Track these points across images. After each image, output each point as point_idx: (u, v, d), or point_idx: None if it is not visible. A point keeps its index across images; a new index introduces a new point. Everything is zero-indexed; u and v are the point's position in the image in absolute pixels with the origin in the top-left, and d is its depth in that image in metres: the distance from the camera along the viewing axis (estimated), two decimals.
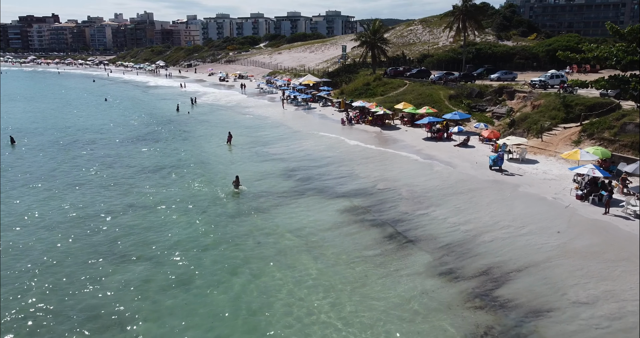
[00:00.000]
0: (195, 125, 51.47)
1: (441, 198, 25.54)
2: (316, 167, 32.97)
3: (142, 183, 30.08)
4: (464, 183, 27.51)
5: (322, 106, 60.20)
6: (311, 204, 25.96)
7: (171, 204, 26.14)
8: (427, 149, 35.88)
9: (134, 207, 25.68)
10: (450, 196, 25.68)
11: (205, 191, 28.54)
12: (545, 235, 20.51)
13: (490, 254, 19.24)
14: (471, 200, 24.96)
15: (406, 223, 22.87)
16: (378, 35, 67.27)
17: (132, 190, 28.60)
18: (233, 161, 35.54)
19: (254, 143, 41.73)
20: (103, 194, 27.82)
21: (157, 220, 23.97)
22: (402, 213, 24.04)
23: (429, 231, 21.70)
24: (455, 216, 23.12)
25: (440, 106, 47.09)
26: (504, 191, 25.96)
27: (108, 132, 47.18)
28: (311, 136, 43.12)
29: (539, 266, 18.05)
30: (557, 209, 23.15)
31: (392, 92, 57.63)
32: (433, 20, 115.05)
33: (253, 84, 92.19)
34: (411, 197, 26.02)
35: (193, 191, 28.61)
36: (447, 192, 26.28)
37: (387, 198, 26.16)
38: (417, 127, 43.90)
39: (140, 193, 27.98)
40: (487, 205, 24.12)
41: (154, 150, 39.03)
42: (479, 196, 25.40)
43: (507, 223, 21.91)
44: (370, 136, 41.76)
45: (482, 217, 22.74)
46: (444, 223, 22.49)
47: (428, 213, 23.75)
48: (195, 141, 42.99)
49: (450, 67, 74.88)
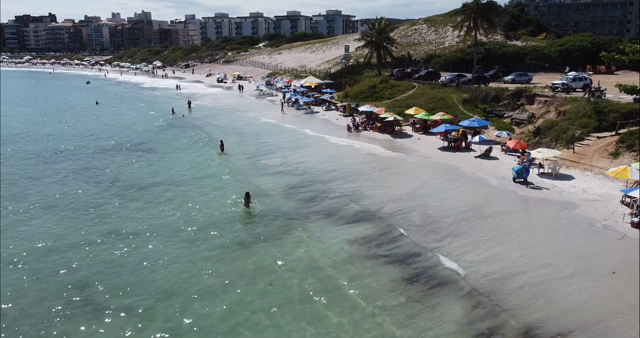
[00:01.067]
0: (189, 131, 47.80)
1: (462, 224, 21.87)
2: (321, 183, 29.34)
3: (128, 203, 26.22)
4: (489, 204, 23.89)
5: (326, 110, 56.58)
6: (320, 232, 22.31)
7: (163, 232, 22.29)
8: (445, 161, 32.25)
9: (117, 237, 21.77)
10: (473, 221, 21.98)
11: (203, 213, 24.68)
12: (595, 276, 16.79)
13: (523, 309, 15.43)
14: (498, 227, 21.27)
15: (422, 259, 19.18)
16: (384, 35, 63.66)
17: (115, 214, 24.73)
18: (229, 175, 31.90)
19: (251, 152, 38.08)
20: (79, 218, 24.04)
21: (146, 254, 20.12)
22: (417, 245, 20.30)
23: (448, 274, 17.90)
24: (477, 250, 19.33)
25: (454, 111, 43.49)
26: (538, 214, 22.34)
27: (94, 140, 43.37)
28: (314, 145, 39.51)
29: (589, 329, 14.21)
30: (609, 240, 19.54)
31: (400, 96, 54.05)
32: (438, 19, 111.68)
33: (252, 86, 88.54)
34: (424, 223, 22.34)
35: (189, 213, 24.72)
36: (468, 215, 22.64)
37: (399, 223, 22.51)
38: (431, 134, 40.31)
39: (124, 218, 24.11)
40: (518, 234, 20.46)
41: (143, 162, 35.30)
42: (507, 221, 21.76)
43: (545, 259, 18.12)
44: (380, 144, 38.12)
45: (511, 251, 19.07)
46: (464, 259, 18.72)
47: (444, 245, 20.06)
48: (188, 150, 39.29)
49: (459, 68, 71.40)
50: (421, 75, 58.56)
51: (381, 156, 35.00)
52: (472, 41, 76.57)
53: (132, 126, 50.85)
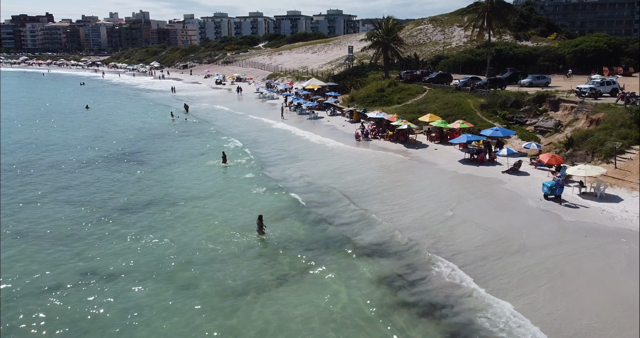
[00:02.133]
0: (185, 139, 44.32)
1: (499, 265, 18.31)
2: (331, 202, 25.89)
3: (114, 231, 22.47)
4: (530, 235, 20.40)
5: (330, 115, 53.08)
6: (339, 268, 18.78)
7: (156, 272, 18.53)
8: (468, 178, 28.75)
9: (97, 279, 17.98)
10: (512, 264, 18.14)
11: (205, 244, 20.97)
12: None
13: None
14: (546, 265, 17.81)
15: (470, 305, 15.79)
16: (391, 35, 60.16)
17: (97, 246, 20.86)
18: (231, 191, 28.43)
19: (253, 163, 34.64)
20: (54, 254, 20.26)
21: (133, 303, 16.38)
22: (451, 297, 16.80)
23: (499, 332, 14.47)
24: (526, 311, 15.44)
25: (472, 119, 40.02)
26: (592, 249, 18.86)
27: (80, 150, 39.62)
28: (320, 155, 36.01)
29: None
30: None
31: (410, 100, 50.57)
32: (444, 19, 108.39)
33: (252, 88, 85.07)
34: (465, 259, 18.91)
35: (188, 244, 21.02)
36: (502, 250, 19.13)
37: (422, 263, 19.05)
38: (448, 144, 36.85)
39: (108, 253, 20.18)
40: (576, 278, 16.99)
41: (133, 177, 31.65)
42: (558, 258, 18.28)
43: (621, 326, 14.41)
44: (393, 156, 34.62)
45: (574, 306, 15.62)
46: (509, 329, 14.92)
47: (494, 288, 16.62)
48: (185, 161, 35.57)
49: (468, 70, 68.12)
50: (432, 78, 55.10)
51: (395, 169, 31.53)
52: (483, 42, 73.32)
53: (125, 132, 47.31)
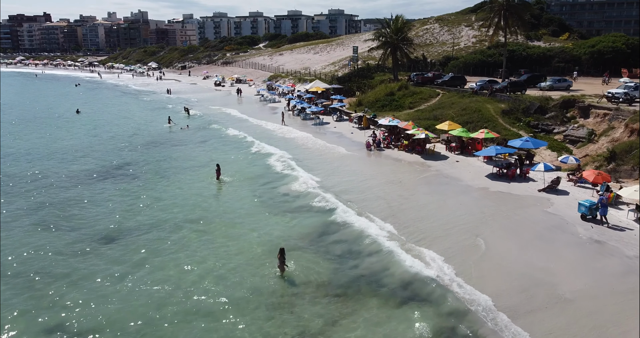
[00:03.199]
0: (180, 149, 40.82)
1: (549, 320, 14.94)
2: (345, 227, 22.43)
3: (92, 271, 18.89)
4: (587, 277, 16.96)
5: (337, 121, 49.55)
6: (375, 320, 15.38)
7: (151, 332, 15.09)
8: (501, 197, 25.25)
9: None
10: (571, 323, 14.97)
11: (213, 288, 17.35)
12: None
13: None
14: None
15: None
16: (401, 35, 56.65)
17: (71, 293, 17.34)
18: (236, 213, 24.95)
19: (254, 176, 31.11)
20: (16, 302, 16.89)
21: None
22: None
23: None
24: None
25: (495, 126, 36.57)
26: None
27: (64, 162, 35.85)
28: (328, 168, 32.48)
29: None
30: None
31: (423, 105, 47.09)
32: (450, 19, 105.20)
33: (252, 90, 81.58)
34: (504, 323, 15.46)
35: (191, 289, 17.28)
36: (552, 299, 15.73)
37: (454, 311, 15.63)
38: (470, 155, 33.39)
39: (88, 302, 16.63)
40: None
41: (117, 196, 27.96)
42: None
43: None
44: (410, 169, 31.11)
45: None
46: None
47: None
48: (180, 175, 31.91)
49: (480, 72, 64.70)
50: (445, 80, 51.60)
51: (414, 185, 28.02)
52: (493, 42, 69.80)
53: (116, 141, 43.73)
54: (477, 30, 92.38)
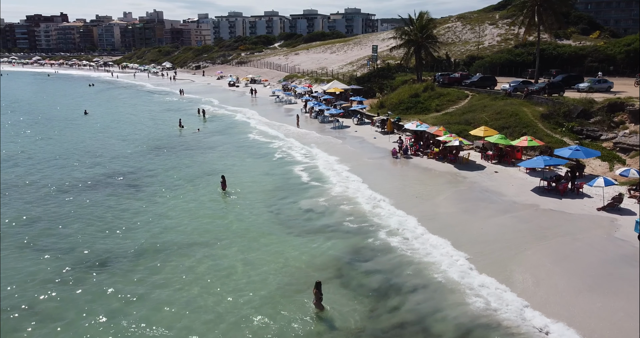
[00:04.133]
0: (188, 154, 38.01)
1: None
2: (381, 252, 19.29)
3: (89, 309, 16.00)
4: None
5: (358, 124, 46.35)
6: None
7: None
8: (555, 217, 21.84)
9: None
10: None
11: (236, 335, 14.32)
12: None
13: None
14: None
15: None
16: (426, 33, 53.21)
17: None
18: (249, 233, 21.93)
19: (266, 189, 27.98)
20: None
21: None
22: None
23: None
24: None
25: (535, 132, 33.01)
26: None
27: (62, 170, 32.74)
28: (352, 178, 29.30)
29: None
30: None
31: (451, 107, 43.68)
32: (473, 17, 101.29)
33: (267, 91, 78.75)
34: None
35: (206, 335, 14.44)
36: None
37: None
38: (510, 165, 29.97)
39: None
40: None
41: (123, 209, 24.97)
42: None
43: None
44: (444, 181, 27.78)
45: None
46: None
47: None
48: (187, 186, 28.74)
49: (507, 72, 61.04)
50: (474, 81, 48.07)
51: (451, 200, 24.70)
52: (519, 41, 66.01)
53: (122, 146, 41.08)
54: (502, 28, 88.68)
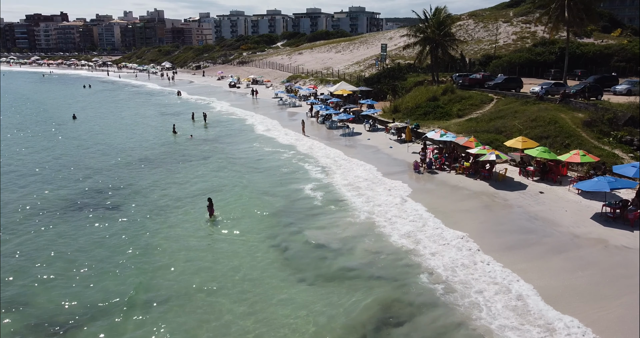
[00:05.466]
0: (179, 167, 33.58)
1: None
2: (425, 308, 14.87)
3: None
4: None
5: (370, 131, 41.83)
6: None
7: None
8: (631, 258, 17.36)
9: None
10: None
11: None
12: None
13: None
14: None
15: None
16: (443, 30, 48.65)
17: None
18: (249, 274, 17.52)
19: (265, 216, 23.23)
20: None
21: None
22: None
23: None
24: None
25: (579, 143, 28.49)
26: None
27: (35, 184, 28.78)
28: (370, 202, 24.83)
29: None
30: None
31: (474, 113, 39.14)
32: (485, 14, 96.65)
33: (269, 93, 74.31)
34: None
35: None
36: None
37: None
38: (554, 182, 25.45)
39: None
40: None
41: (100, 240, 20.74)
42: None
43: None
44: (482, 206, 23.21)
45: None
46: None
47: None
48: (172, 211, 24.03)
49: (527, 72, 56.60)
50: (498, 83, 43.47)
51: (494, 231, 20.24)
52: (537, 39, 61.55)
53: (109, 155, 36.65)
54: (517, 26, 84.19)
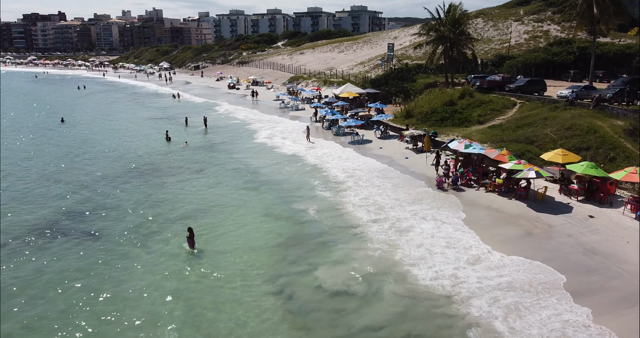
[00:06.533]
0: (168, 182, 30.02)
1: None
2: None
3: None
4: None
5: (381, 138, 38.23)
6: None
7: None
8: None
9: None
10: None
11: None
12: None
13: None
14: None
15: None
16: (459, 29, 45.06)
17: None
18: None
19: (264, 248, 19.60)
20: None
21: None
22: None
23: None
24: None
25: (631, 158, 24.95)
26: None
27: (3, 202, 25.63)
28: (395, 229, 21.30)
29: None
30: None
31: (496, 119, 35.57)
32: (494, 13, 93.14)
33: (270, 95, 70.73)
34: None
35: None
36: None
37: None
38: (602, 202, 21.91)
39: None
40: None
41: (62, 289, 17.31)
42: None
43: None
44: (522, 234, 19.65)
45: None
46: None
47: None
48: (152, 239, 20.37)
49: (544, 74, 53.13)
50: (520, 86, 39.90)
51: (545, 271, 16.71)
52: (557, 38, 58.08)
53: (91, 166, 33.04)
54: (529, 25, 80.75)
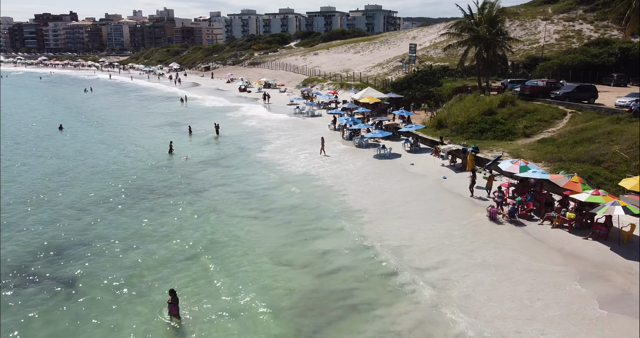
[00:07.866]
0: (163, 207, 25.83)
1: None
2: None
3: None
4: None
5: (411, 151, 33.70)
6: None
7: None
8: None
9: None
10: None
11: None
12: None
13: None
14: None
15: None
16: (495, 28, 40.42)
17: None
18: None
19: (277, 309, 15.36)
20: None
21: None
22: None
23: None
24: None
25: None
26: None
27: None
28: (431, 278, 16.87)
29: None
30: None
31: (545, 131, 30.87)
32: (520, 11, 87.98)
33: (284, 98, 66.50)
34: None
35: None
36: None
37: None
38: None
39: None
40: None
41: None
42: None
43: None
44: (615, 296, 15.14)
45: None
46: None
47: None
48: (116, 302, 16.88)
49: (582, 77, 48.26)
50: (567, 92, 35.15)
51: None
52: (594, 39, 53.26)
53: (81, 182, 29.07)
54: (559, 24, 75.68)
